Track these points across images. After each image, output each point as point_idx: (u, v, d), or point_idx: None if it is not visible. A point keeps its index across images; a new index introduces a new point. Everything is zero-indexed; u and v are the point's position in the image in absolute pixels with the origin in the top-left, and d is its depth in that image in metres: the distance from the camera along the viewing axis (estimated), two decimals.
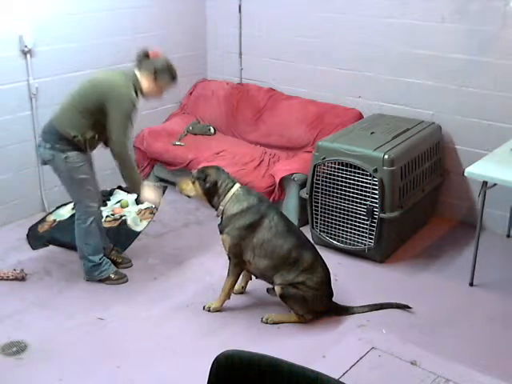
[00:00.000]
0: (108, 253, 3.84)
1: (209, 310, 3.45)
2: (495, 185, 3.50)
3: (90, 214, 3.56)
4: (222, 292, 3.44)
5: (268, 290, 3.58)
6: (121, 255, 3.94)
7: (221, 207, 3.33)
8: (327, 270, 3.39)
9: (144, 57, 3.50)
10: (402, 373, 2.96)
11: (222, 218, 3.35)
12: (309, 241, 3.44)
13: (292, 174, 4.31)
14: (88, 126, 3.39)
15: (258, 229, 3.26)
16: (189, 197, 3.48)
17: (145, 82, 3.48)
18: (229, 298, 3.46)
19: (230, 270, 3.40)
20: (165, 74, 3.51)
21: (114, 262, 3.84)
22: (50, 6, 4.34)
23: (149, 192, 3.60)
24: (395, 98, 4.60)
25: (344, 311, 3.43)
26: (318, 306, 3.35)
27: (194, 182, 3.39)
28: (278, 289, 3.29)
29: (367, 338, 3.21)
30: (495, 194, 3.74)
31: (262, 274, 3.38)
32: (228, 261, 3.40)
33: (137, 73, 3.47)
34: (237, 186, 3.36)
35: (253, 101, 5.25)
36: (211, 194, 3.35)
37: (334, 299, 3.42)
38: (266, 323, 3.34)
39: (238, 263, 3.36)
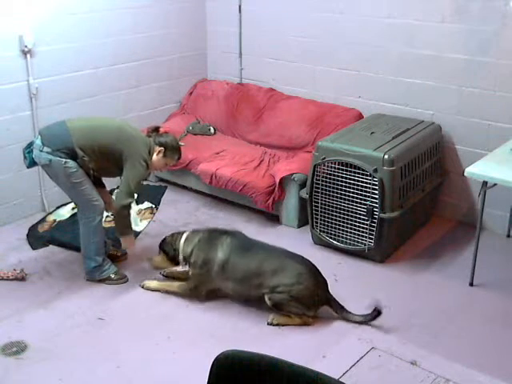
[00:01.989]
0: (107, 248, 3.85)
1: (142, 286, 3.65)
2: (495, 185, 3.50)
3: (98, 211, 3.57)
4: (165, 284, 3.64)
5: None
6: (116, 248, 3.97)
7: (181, 256, 3.52)
8: (305, 262, 3.36)
9: (154, 131, 3.69)
10: (402, 373, 2.96)
11: (185, 263, 3.54)
12: (275, 248, 3.45)
13: (292, 174, 4.31)
14: (93, 159, 3.47)
15: (215, 255, 3.40)
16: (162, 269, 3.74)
17: (154, 155, 3.63)
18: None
19: (187, 286, 3.54)
20: (174, 152, 3.69)
21: (113, 256, 3.87)
22: (49, 6, 4.34)
23: (127, 240, 3.71)
24: (395, 97, 4.60)
25: (339, 310, 3.34)
26: (310, 299, 3.30)
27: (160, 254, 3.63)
28: (267, 300, 3.32)
29: (367, 338, 3.21)
30: (495, 194, 3.74)
31: (242, 295, 3.45)
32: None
33: (152, 144, 3.62)
34: (186, 232, 3.59)
35: (253, 101, 5.25)
36: (174, 257, 3.55)
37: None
38: (271, 324, 3.32)
39: (195, 289, 3.51)
